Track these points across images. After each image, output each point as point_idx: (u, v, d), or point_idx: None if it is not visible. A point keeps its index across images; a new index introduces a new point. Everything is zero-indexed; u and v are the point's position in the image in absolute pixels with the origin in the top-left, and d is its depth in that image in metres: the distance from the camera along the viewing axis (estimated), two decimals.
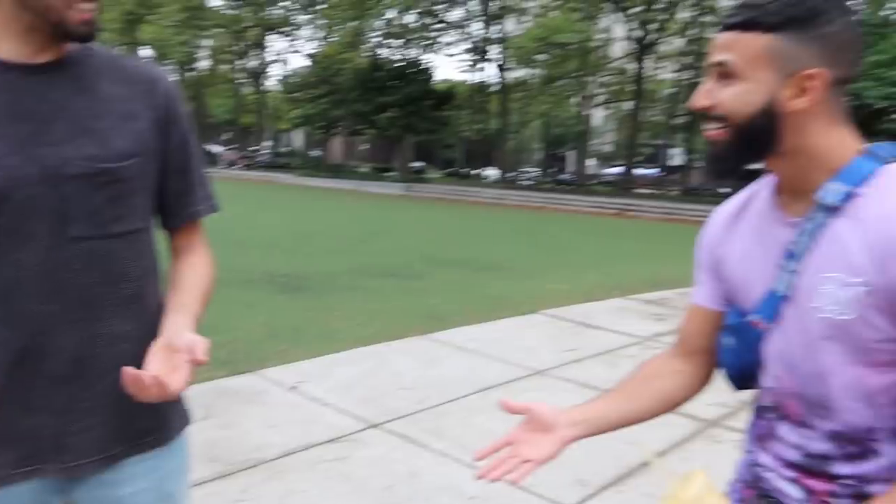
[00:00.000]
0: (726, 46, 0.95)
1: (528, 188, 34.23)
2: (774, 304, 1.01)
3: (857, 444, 0.98)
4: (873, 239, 0.89)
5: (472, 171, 44.14)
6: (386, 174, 37.98)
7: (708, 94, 0.98)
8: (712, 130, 0.98)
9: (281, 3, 39.67)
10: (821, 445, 1.01)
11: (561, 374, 4.64)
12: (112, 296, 1.14)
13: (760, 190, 1.09)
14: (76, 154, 1.09)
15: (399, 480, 2.99)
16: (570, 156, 54.54)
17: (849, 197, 0.93)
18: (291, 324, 5.67)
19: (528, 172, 47.84)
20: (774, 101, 0.93)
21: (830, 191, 0.94)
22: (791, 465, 1.05)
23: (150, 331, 1.14)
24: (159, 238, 1.28)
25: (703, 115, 0.99)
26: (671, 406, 1.21)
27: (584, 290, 7.85)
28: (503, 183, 33.14)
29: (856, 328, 0.92)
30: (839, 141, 0.96)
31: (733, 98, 0.95)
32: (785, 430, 1.06)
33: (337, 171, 36.38)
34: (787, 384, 1.04)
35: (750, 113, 0.94)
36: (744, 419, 1.27)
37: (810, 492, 1.03)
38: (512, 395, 4.13)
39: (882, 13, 19.84)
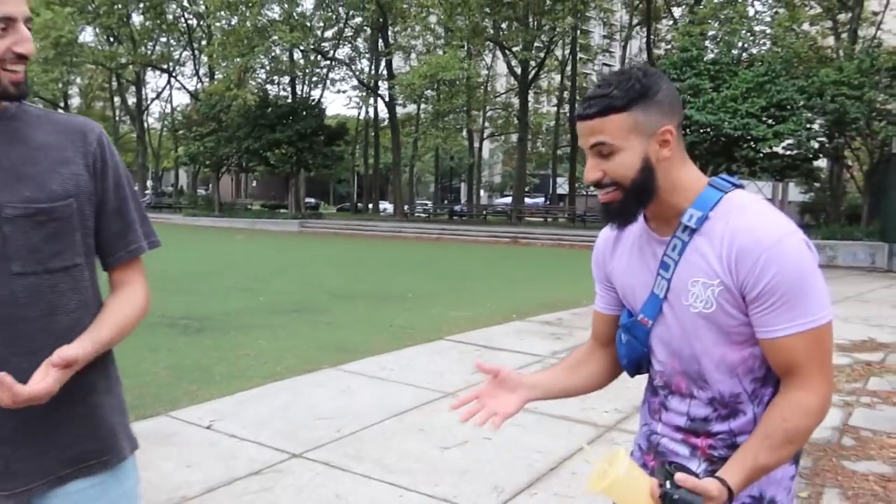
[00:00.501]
0: (596, 130, 1.21)
1: (424, 220, 34.76)
2: (656, 304, 1.30)
3: (727, 406, 1.27)
4: (720, 251, 1.19)
5: (367, 205, 44.27)
6: (279, 211, 37.38)
7: (595, 169, 1.23)
8: (608, 194, 1.24)
9: (161, 40, 38.60)
10: (701, 410, 1.30)
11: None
12: (51, 327, 1.22)
13: None
14: (13, 198, 1.19)
15: (326, 503, 3.10)
16: (462, 188, 55.92)
17: (703, 219, 1.22)
18: (198, 364, 5.60)
19: (422, 205, 48.57)
20: (647, 157, 1.21)
21: (691, 215, 1.23)
22: (679, 428, 1.34)
23: (90, 359, 1.23)
24: (100, 275, 1.37)
25: (598, 184, 1.24)
26: (600, 382, 1.50)
27: (484, 316, 8.19)
28: (399, 216, 33.49)
29: (717, 317, 1.22)
30: (690, 176, 1.26)
31: (618, 166, 1.21)
32: (675, 402, 1.34)
33: (228, 209, 35.40)
34: (672, 366, 1.32)
35: (634, 173, 1.21)
36: (636, 423, 1.55)
37: (695, 447, 1.31)
38: (426, 417, 4.34)
39: (733, 52, 21.99)
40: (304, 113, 31.25)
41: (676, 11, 30.77)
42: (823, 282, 1.20)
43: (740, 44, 22.58)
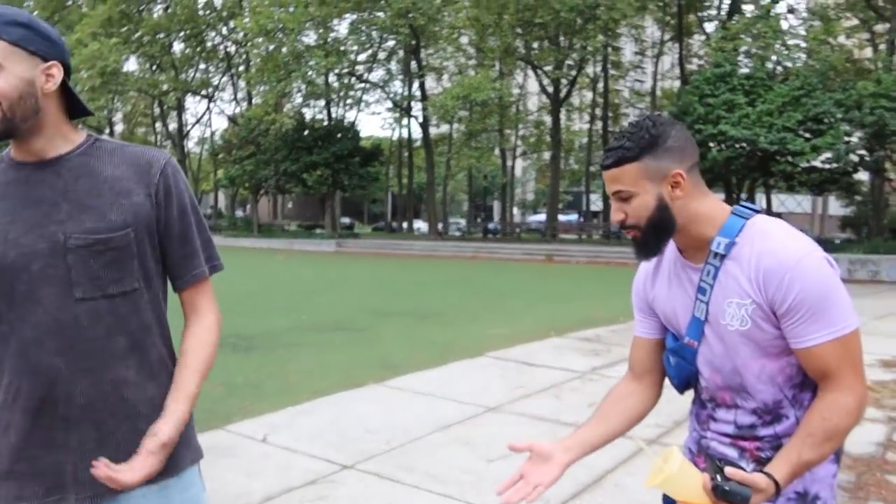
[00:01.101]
0: (615, 179, 1.37)
1: (458, 239, 34.97)
2: (698, 326, 1.43)
3: (770, 413, 1.40)
4: (749, 272, 1.32)
5: (401, 225, 44.71)
6: (315, 231, 38.00)
7: (619, 211, 1.40)
8: (630, 232, 1.40)
9: (200, 66, 39.76)
10: (747, 419, 1.42)
11: (512, 409, 5.01)
12: (111, 347, 1.32)
13: (668, 248, 1.51)
14: (77, 229, 1.30)
15: None
16: (496, 206, 56.06)
17: (731, 245, 1.35)
18: (249, 381, 5.82)
19: (455, 223, 48.79)
20: (662, 198, 1.35)
21: (719, 243, 1.36)
22: (727, 435, 1.46)
23: (150, 376, 1.37)
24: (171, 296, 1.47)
25: (622, 224, 1.41)
26: (637, 420, 1.58)
27: (523, 333, 8.29)
28: (433, 235, 33.78)
29: (753, 333, 1.35)
30: (712, 206, 1.40)
31: (636, 209, 1.37)
32: (721, 412, 1.47)
33: (267, 230, 36.12)
34: (715, 381, 1.45)
35: (650, 214, 1.36)
36: (677, 435, 1.68)
37: (743, 450, 1.43)
38: (470, 430, 4.48)
39: (768, 66, 21.86)
40: (340, 135, 31.86)
41: (708, 27, 30.66)
42: (846, 294, 1.32)
43: (774, 58, 22.43)
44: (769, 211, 29.62)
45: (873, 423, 4.74)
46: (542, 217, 44.27)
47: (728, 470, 1.22)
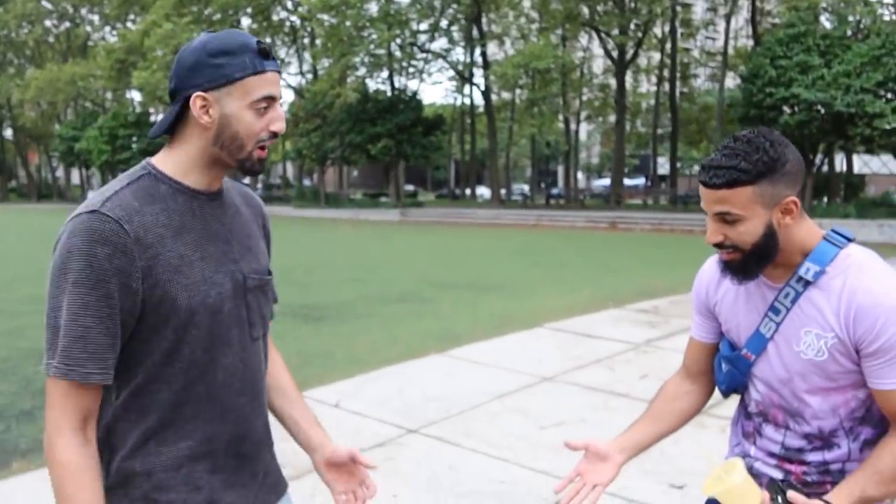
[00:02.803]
0: (722, 200, 1.26)
1: (521, 206, 34.97)
2: (761, 342, 1.40)
3: (823, 440, 1.38)
4: (838, 307, 1.29)
5: (464, 191, 44.95)
6: (380, 200, 38.71)
7: (717, 233, 1.31)
8: (729, 254, 1.33)
9: (267, 40, 40.64)
10: (796, 442, 1.40)
11: (567, 380, 5.29)
12: (264, 385, 1.39)
13: None
14: (249, 269, 1.30)
15: (441, 472, 3.62)
16: (559, 171, 55.48)
17: (820, 274, 1.31)
18: (321, 350, 6.29)
19: (519, 189, 48.64)
20: (770, 225, 1.28)
21: (808, 269, 1.32)
22: (773, 454, 1.44)
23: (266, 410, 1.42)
24: None
25: (719, 245, 1.33)
26: (688, 419, 1.59)
27: (581, 304, 8.50)
28: (496, 202, 33.91)
29: (827, 365, 1.32)
30: (808, 231, 1.34)
31: (741, 234, 1.28)
32: (769, 430, 1.44)
33: (333, 200, 37.07)
34: (771, 399, 1.43)
35: (756, 240, 1.28)
36: (725, 408, 1.77)
37: (789, 472, 1.41)
38: (526, 399, 4.79)
39: (847, 24, 20.76)
40: (402, 106, 32.24)
41: None
42: None
43: (853, 16, 21.27)
44: (850, 175, 28.29)
45: None
46: (607, 181, 43.66)
47: (791, 494, 1.25)
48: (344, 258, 14.74)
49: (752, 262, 1.32)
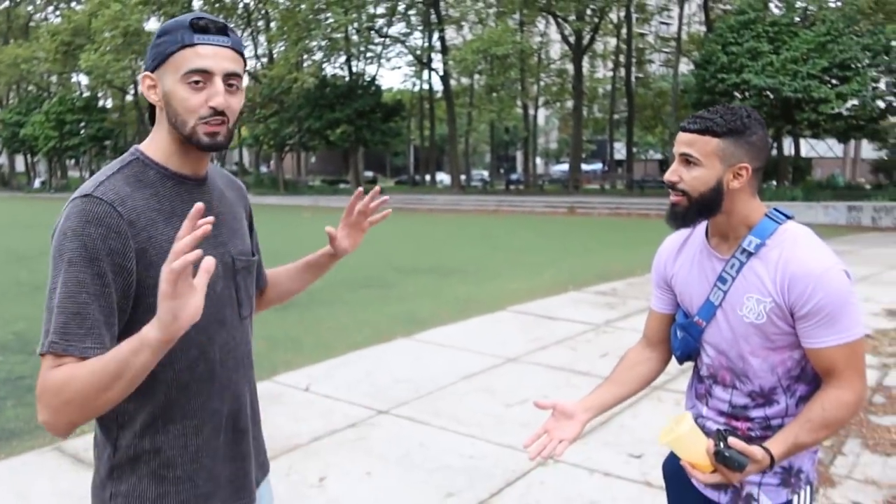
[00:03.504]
0: (690, 143, 1.45)
1: (481, 192, 35.19)
2: (710, 310, 1.55)
3: (764, 397, 1.53)
4: (775, 275, 1.44)
5: (424, 178, 44.96)
6: (339, 186, 38.46)
7: (675, 173, 1.48)
8: (676, 197, 1.49)
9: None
10: (741, 400, 1.55)
11: (530, 360, 5.47)
12: (250, 359, 1.44)
13: (696, 231, 1.62)
14: (236, 251, 1.36)
15: (412, 450, 3.75)
16: (518, 156, 55.85)
17: (760, 246, 1.47)
18: (289, 336, 6.35)
19: (478, 175, 48.83)
20: (720, 182, 1.44)
21: (750, 241, 1.48)
22: (722, 413, 1.59)
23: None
24: None
25: (672, 186, 1.48)
26: (647, 384, 1.75)
27: (542, 287, 8.71)
28: (456, 188, 34.03)
29: (766, 327, 1.47)
30: (754, 207, 1.50)
31: (694, 179, 1.45)
32: (718, 390, 1.59)
33: (292, 187, 36.70)
34: (720, 361, 1.57)
35: (705, 189, 1.45)
36: (679, 383, 1.91)
37: (735, 429, 1.54)
38: (491, 379, 4.95)
39: (795, 10, 21.39)
40: (361, 91, 32.06)
41: None
42: (858, 305, 1.46)
43: (801, 3, 21.94)
44: (798, 158, 29.22)
45: (868, 368, 5.11)
46: (565, 167, 44.16)
47: (731, 440, 1.38)
48: (306, 245, 14.62)
49: (693, 210, 1.47)
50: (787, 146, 29.87)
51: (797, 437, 1.43)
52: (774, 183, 27.21)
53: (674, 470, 1.64)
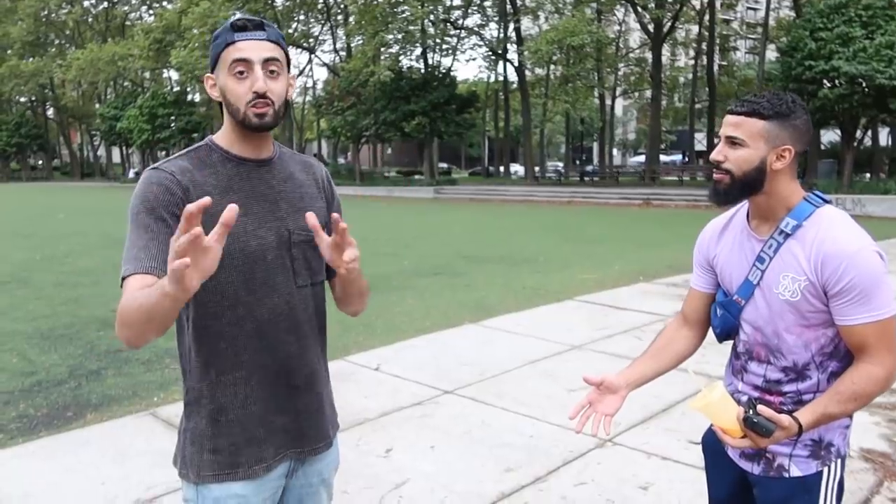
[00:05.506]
0: (737, 126, 1.52)
1: (555, 183, 34.89)
2: (749, 289, 1.62)
3: (797, 372, 1.59)
4: (810, 254, 1.50)
5: (498, 169, 44.93)
6: (414, 177, 39.00)
7: (721, 153, 1.55)
8: (720, 175, 1.55)
9: (301, 18, 40.95)
10: (775, 374, 1.62)
11: (595, 348, 5.53)
12: (316, 326, 1.58)
13: (738, 213, 1.70)
14: (295, 226, 1.50)
15: (474, 427, 3.92)
16: (594, 147, 54.95)
17: (797, 227, 1.53)
18: (361, 320, 6.60)
19: (553, 166, 48.38)
20: (764, 162, 1.51)
21: (787, 223, 1.54)
22: (756, 387, 1.65)
23: (324, 353, 1.63)
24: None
25: (717, 165, 1.55)
26: (683, 360, 1.81)
27: (612, 278, 8.69)
28: (530, 179, 33.89)
29: (800, 305, 1.53)
30: (793, 190, 1.56)
31: (739, 158, 1.52)
32: (754, 366, 1.66)
33: (368, 178, 37.51)
34: (755, 338, 1.64)
35: (749, 169, 1.52)
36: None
37: (769, 403, 1.58)
38: (555, 365, 5.06)
39: None
40: (436, 83, 32.34)
41: None
42: (890, 284, 1.50)
43: None
44: (895, 149, 27.34)
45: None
46: (643, 158, 43.19)
47: (760, 407, 1.45)
48: (380, 234, 15.08)
49: (736, 188, 1.53)
50: (885, 136, 28.19)
51: (826, 407, 1.49)
52: (868, 175, 25.76)
53: (712, 443, 1.74)
